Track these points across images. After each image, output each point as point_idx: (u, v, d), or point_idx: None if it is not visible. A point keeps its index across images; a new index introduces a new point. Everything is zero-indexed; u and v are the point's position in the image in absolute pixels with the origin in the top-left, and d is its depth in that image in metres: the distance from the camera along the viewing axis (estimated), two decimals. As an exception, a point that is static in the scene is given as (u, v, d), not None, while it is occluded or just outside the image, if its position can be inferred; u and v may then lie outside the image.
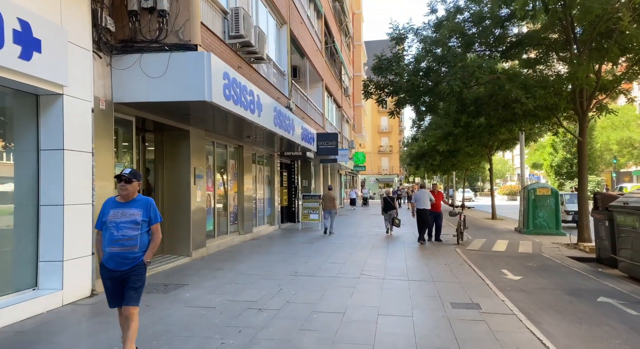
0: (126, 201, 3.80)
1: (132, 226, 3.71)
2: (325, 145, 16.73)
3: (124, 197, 3.79)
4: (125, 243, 3.69)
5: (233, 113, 7.96)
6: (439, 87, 10.55)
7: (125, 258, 3.71)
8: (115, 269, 3.72)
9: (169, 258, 9.01)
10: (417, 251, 10.85)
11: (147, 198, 3.92)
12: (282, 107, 11.35)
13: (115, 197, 3.87)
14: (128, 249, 3.70)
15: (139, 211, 3.76)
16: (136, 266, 3.76)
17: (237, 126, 9.89)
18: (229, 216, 11.95)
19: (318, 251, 10.77)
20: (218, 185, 11.46)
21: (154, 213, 3.85)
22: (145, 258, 3.82)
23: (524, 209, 15.73)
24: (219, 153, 11.52)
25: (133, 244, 3.71)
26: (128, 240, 3.69)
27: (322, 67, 20.26)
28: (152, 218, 3.83)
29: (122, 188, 3.76)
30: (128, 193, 3.77)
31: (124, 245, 3.69)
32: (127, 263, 3.72)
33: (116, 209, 3.75)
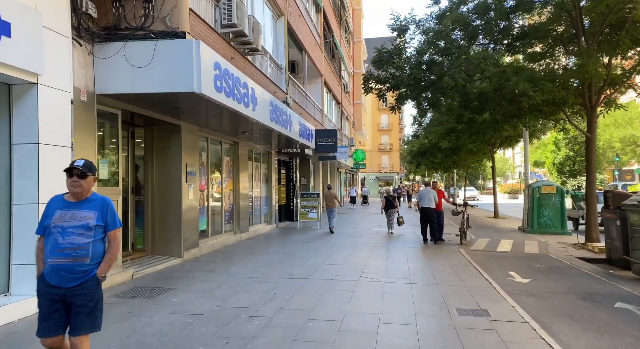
0: (78, 200, 3.09)
1: (82, 232, 3.00)
2: (324, 141, 16.29)
3: (76, 196, 3.07)
4: (73, 253, 2.98)
5: (225, 107, 7.52)
6: (442, 81, 10.10)
7: (73, 272, 2.98)
8: (59, 285, 2.97)
9: (159, 259, 8.58)
10: (419, 252, 10.42)
11: (103, 197, 3.21)
12: (278, 102, 10.91)
13: (64, 195, 3.14)
14: (76, 260, 2.98)
15: (92, 214, 3.06)
16: (86, 282, 3.01)
17: (231, 121, 9.46)
18: (223, 215, 11.52)
19: (316, 251, 10.34)
20: (212, 183, 11.03)
21: (112, 217, 3.15)
22: (100, 272, 3.08)
23: (529, 208, 15.31)
24: (213, 150, 11.08)
25: (83, 254, 3.00)
26: (77, 249, 2.98)
27: (321, 62, 19.80)
28: (109, 222, 3.13)
29: (74, 184, 3.02)
30: (82, 190, 3.05)
31: (71, 256, 2.97)
32: (75, 278, 2.98)
33: (64, 210, 3.04)
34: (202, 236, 10.33)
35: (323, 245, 11.38)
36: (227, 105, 7.47)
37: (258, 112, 9.11)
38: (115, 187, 7.14)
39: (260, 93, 9.38)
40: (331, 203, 14.40)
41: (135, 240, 8.97)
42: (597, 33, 10.54)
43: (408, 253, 10.16)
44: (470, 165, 26.20)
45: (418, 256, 9.77)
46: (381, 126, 69.65)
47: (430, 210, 11.84)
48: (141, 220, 8.99)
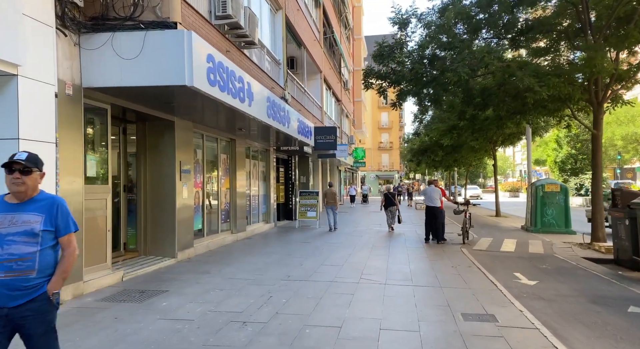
0: (20, 201, 2.56)
1: (26, 239, 2.48)
2: (323, 139, 15.98)
3: (18, 196, 2.55)
4: (14, 265, 2.45)
5: (219, 102, 7.21)
6: (444, 76, 9.79)
7: (15, 288, 2.45)
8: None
9: (152, 260, 8.28)
10: (421, 252, 10.13)
11: (53, 196, 2.71)
12: (276, 98, 10.60)
13: (4, 196, 2.61)
14: (19, 274, 2.45)
15: (38, 217, 2.53)
16: (34, 300, 2.48)
17: (227, 117, 9.15)
18: (220, 214, 11.23)
19: (315, 251, 10.05)
20: (208, 181, 10.73)
21: (64, 219, 2.62)
22: (50, 288, 2.53)
23: (532, 206, 15.01)
24: (208, 147, 10.77)
25: (27, 266, 2.47)
26: (19, 261, 2.45)
27: (321, 58, 19.48)
28: (60, 226, 2.60)
29: (16, 182, 2.50)
30: (25, 189, 2.53)
31: (11, 269, 2.44)
32: (19, 295, 2.46)
33: (3, 214, 2.52)
34: (198, 236, 10.04)
35: (322, 245, 11.08)
36: (222, 99, 7.16)
37: (254, 108, 8.80)
38: (104, 185, 6.84)
39: (257, 88, 9.08)
40: (332, 200, 14.52)
41: (127, 240, 8.67)
42: (604, 27, 10.23)
43: (409, 253, 9.87)
44: (472, 163, 25.86)
45: (420, 257, 9.48)
46: (381, 124, 69.34)
47: (435, 208, 11.54)
48: (133, 219, 8.69)
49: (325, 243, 11.51)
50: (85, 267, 6.22)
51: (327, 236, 12.87)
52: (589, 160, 33.95)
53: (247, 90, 8.36)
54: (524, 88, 9.30)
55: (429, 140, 23.45)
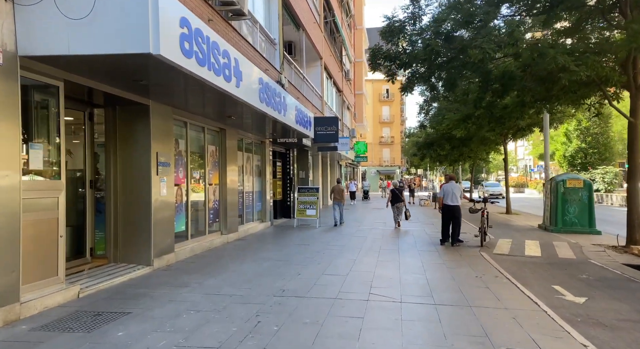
0: None
1: None
2: (323, 130, 14.68)
3: None
4: None
5: (199, 79, 5.92)
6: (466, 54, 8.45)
7: None
8: None
9: (122, 269, 7.01)
10: (436, 256, 8.87)
11: None
12: (271, 81, 9.29)
13: None
14: None
15: None
16: None
17: (212, 101, 7.84)
18: (207, 213, 9.95)
19: (315, 256, 8.78)
20: (193, 176, 9.45)
21: None
22: None
23: (552, 204, 13.75)
24: (193, 137, 9.47)
25: None
26: None
27: (321, 43, 18.12)
28: None
29: None
30: None
31: None
32: None
33: None
34: (180, 238, 8.77)
35: (323, 248, 9.81)
36: (201, 76, 5.86)
37: (244, 90, 7.49)
38: (55, 181, 5.54)
39: (247, 67, 7.76)
40: (339, 196, 14.53)
41: (94, 245, 7.40)
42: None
43: (423, 259, 8.61)
44: (481, 157, 24.54)
45: (436, 263, 8.21)
46: (382, 118, 67.93)
47: (457, 208, 10.24)
48: (102, 221, 7.41)
49: (326, 245, 10.24)
50: (26, 284, 4.95)
51: (329, 237, 11.60)
52: (600, 155, 32.79)
53: (234, 68, 7.05)
54: (557, 68, 7.98)
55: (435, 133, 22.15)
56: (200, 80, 6.00)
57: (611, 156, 32.26)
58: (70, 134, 7.33)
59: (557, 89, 9.62)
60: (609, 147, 32.14)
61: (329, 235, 12.09)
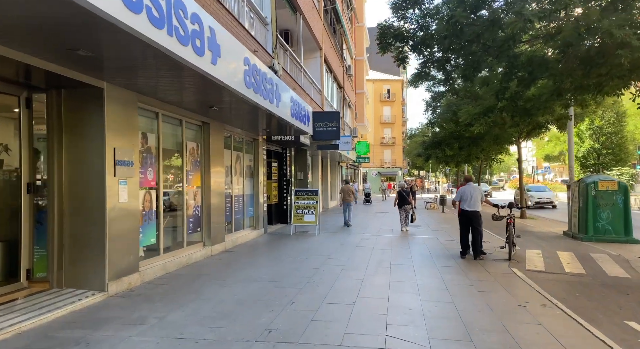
0: None
1: None
2: (323, 126, 13.13)
3: None
4: None
5: (152, 46, 4.38)
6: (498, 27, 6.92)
7: None
8: None
9: (66, 297, 5.46)
10: (458, 274, 7.32)
11: None
12: (260, 64, 7.76)
13: None
14: None
15: None
16: None
17: (184, 84, 6.30)
18: (186, 222, 8.40)
19: (313, 274, 7.24)
20: (167, 177, 7.91)
21: None
22: None
23: (580, 208, 12.21)
24: (168, 131, 7.94)
25: None
26: None
27: (321, 33, 16.59)
28: None
29: None
30: None
31: None
32: None
33: None
34: (150, 253, 7.23)
35: (323, 263, 8.27)
36: (156, 41, 4.32)
37: (223, 69, 5.95)
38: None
39: (228, 41, 6.23)
40: (348, 197, 14.75)
41: (32, 266, 5.84)
42: None
43: (445, 277, 7.06)
44: (494, 156, 22.92)
45: (462, 284, 6.66)
46: (383, 118, 66.44)
47: (476, 214, 8.74)
48: (43, 235, 5.86)
49: (327, 259, 8.69)
50: None
51: (330, 248, 10.05)
52: (614, 155, 31.26)
53: (209, 40, 5.51)
54: (613, 45, 6.44)
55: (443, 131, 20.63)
56: (157, 49, 4.47)
57: (626, 156, 30.71)
58: (0, 125, 5.80)
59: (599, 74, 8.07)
60: (623, 147, 30.61)
61: (330, 245, 10.54)
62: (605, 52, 7.15)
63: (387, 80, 65.83)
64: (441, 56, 8.85)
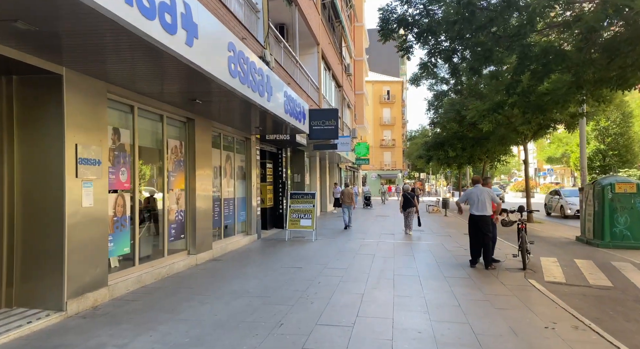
0: None
1: None
2: (320, 125, 12.34)
3: None
4: None
5: (102, 14, 3.58)
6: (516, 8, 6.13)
7: None
8: None
9: (13, 319, 4.64)
10: (471, 287, 6.50)
11: None
12: (249, 52, 6.96)
13: None
14: None
15: None
16: None
17: (155, 69, 5.49)
18: (167, 228, 7.58)
19: (308, 287, 6.42)
20: (145, 179, 7.10)
21: None
22: None
23: (596, 212, 11.40)
24: (146, 127, 7.14)
25: None
26: None
27: (318, 27, 15.82)
28: None
29: None
30: None
31: None
32: None
33: None
34: (124, 264, 6.42)
35: (319, 273, 7.45)
36: (108, 8, 3.52)
37: (200, 51, 5.15)
38: None
39: (208, 21, 5.43)
40: (349, 200, 14.76)
41: (-22, 281, 5.02)
42: None
43: (456, 291, 6.25)
44: (499, 158, 22.08)
45: (476, 299, 5.85)
46: (383, 120, 65.70)
47: (485, 219, 7.96)
48: (-9, 245, 5.04)
49: (324, 268, 7.87)
50: None
51: (327, 255, 9.23)
52: (620, 157, 30.47)
53: (182, 16, 4.71)
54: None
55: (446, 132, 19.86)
56: (113, 22, 3.67)
57: (633, 158, 29.91)
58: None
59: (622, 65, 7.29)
60: (630, 149, 29.82)
61: (327, 252, 9.73)
62: (634, 39, 6.37)
63: (387, 82, 65.14)
64: (448, 46, 8.08)
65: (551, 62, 8.42)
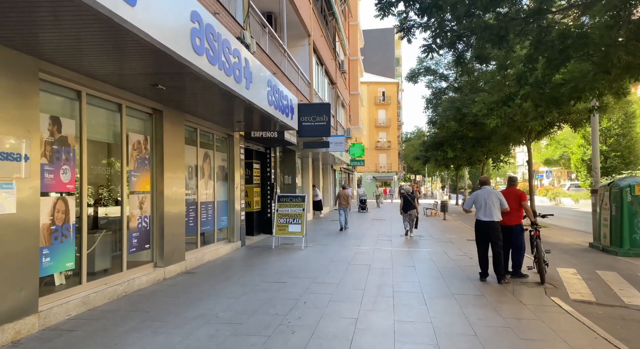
0: None
1: None
2: (311, 121, 11.23)
3: None
4: None
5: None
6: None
7: None
8: None
9: None
10: (486, 309, 5.41)
11: None
12: (220, 28, 5.85)
13: None
14: None
15: None
16: None
17: (97, 43, 4.37)
18: (126, 237, 6.44)
19: (291, 309, 5.31)
20: (96, 179, 5.96)
21: None
22: None
23: (613, 217, 10.39)
24: (97, 118, 6.01)
25: None
26: None
27: (309, 18, 14.75)
28: None
29: None
30: None
31: None
32: None
33: None
34: (70, 282, 5.28)
35: (306, 289, 6.33)
36: None
37: (148, 15, 4.03)
38: None
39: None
40: (344, 202, 14.80)
41: None
42: None
43: (469, 314, 5.16)
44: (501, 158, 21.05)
45: (494, 325, 4.76)
46: (378, 122, 64.81)
47: (494, 225, 6.91)
48: None
49: (312, 284, 6.75)
50: None
51: (317, 266, 8.11)
52: (623, 158, 29.59)
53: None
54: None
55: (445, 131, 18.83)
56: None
57: (635, 160, 29.04)
58: None
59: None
60: (632, 150, 28.95)
61: (318, 262, 8.62)
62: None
63: (382, 83, 64.28)
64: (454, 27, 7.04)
65: (570, 47, 7.40)
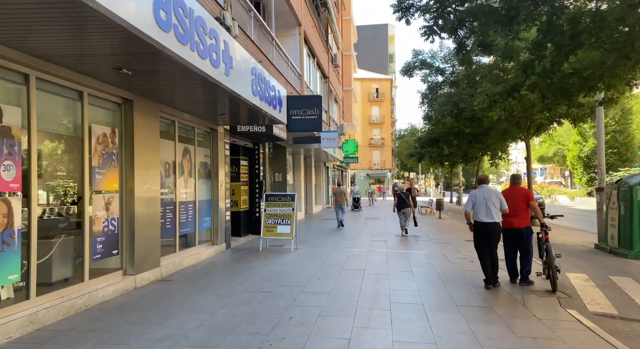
0: None
1: None
2: (301, 114, 10.49)
3: None
4: None
5: None
6: None
7: None
8: None
9: None
10: (497, 325, 4.74)
11: None
12: (193, 3, 5.09)
13: None
14: None
15: None
16: None
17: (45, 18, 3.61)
18: (89, 242, 5.68)
19: (274, 325, 4.59)
20: (51, 177, 5.20)
21: None
22: None
23: (622, 217, 9.81)
24: (51, 107, 5.24)
25: None
26: None
27: (300, 6, 13.97)
28: None
29: None
30: None
31: None
32: None
33: None
34: (17, 296, 4.52)
35: (293, 301, 5.62)
36: None
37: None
38: None
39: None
40: (341, 199, 15.03)
41: None
42: None
43: (476, 331, 4.49)
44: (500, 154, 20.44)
45: (507, 346, 4.09)
46: (372, 119, 64.11)
47: (495, 227, 6.29)
48: None
49: (300, 294, 6.04)
50: None
51: (307, 272, 7.40)
52: (619, 155, 29.20)
53: None
54: None
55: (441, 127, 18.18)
56: None
57: (632, 156, 28.65)
58: None
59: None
60: (629, 147, 28.58)
61: (307, 267, 7.91)
62: None
63: (376, 80, 63.62)
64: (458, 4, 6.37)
65: (582, 32, 6.76)
